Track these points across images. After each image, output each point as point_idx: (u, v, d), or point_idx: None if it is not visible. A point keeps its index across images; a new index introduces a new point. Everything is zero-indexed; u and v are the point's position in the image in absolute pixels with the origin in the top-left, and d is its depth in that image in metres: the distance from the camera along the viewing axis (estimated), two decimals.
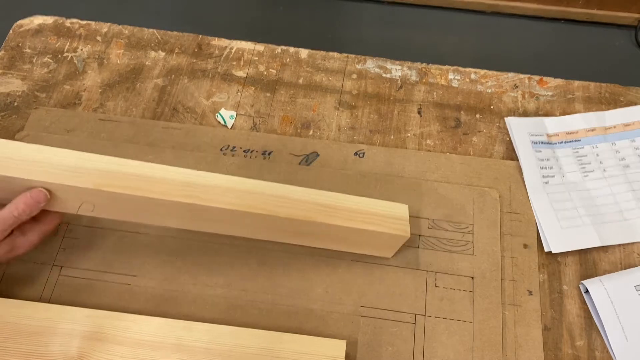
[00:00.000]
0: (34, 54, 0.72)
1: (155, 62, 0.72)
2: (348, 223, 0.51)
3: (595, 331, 0.55)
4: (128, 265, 0.57)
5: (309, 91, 0.70)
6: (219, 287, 0.56)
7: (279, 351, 0.49)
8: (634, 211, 0.61)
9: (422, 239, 0.59)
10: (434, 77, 0.71)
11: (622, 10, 1.47)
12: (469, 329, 0.55)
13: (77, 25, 0.75)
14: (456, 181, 0.63)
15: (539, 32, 1.51)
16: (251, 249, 0.58)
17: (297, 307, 0.56)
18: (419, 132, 0.67)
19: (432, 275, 0.57)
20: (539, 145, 0.65)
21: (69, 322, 0.50)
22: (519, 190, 0.63)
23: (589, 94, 0.70)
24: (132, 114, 0.68)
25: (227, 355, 0.49)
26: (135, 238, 0.59)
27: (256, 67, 0.72)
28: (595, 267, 0.59)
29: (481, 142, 0.67)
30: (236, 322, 0.54)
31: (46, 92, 0.69)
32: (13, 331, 0.50)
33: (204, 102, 0.69)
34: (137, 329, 0.50)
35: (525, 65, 0.94)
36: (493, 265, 0.58)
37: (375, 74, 0.72)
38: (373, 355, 0.53)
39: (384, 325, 0.55)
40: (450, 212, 0.61)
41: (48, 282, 0.56)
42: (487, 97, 0.70)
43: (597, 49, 1.48)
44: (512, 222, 0.61)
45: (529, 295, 0.56)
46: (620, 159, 0.65)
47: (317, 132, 0.67)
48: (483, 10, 1.53)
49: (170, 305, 0.55)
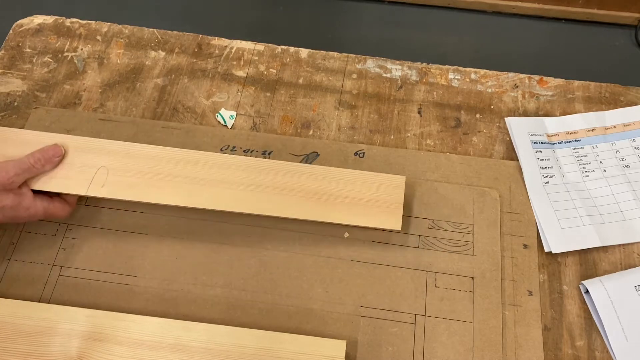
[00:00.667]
0: (34, 53, 0.72)
1: (155, 61, 0.72)
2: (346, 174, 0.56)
3: (595, 331, 0.55)
4: (128, 265, 0.57)
5: (309, 91, 0.70)
6: (219, 287, 0.56)
7: (278, 351, 0.49)
8: (634, 211, 0.61)
9: (422, 239, 0.59)
10: (434, 77, 0.71)
11: (622, 10, 1.47)
12: (469, 329, 0.55)
13: (77, 25, 0.75)
14: (456, 181, 0.63)
15: (539, 32, 1.51)
16: (251, 249, 0.58)
17: (297, 307, 0.56)
18: (419, 132, 0.67)
19: (432, 275, 0.57)
20: (539, 145, 0.65)
21: (69, 322, 0.50)
22: (519, 190, 0.63)
23: (589, 94, 0.70)
24: (132, 113, 0.68)
25: (226, 355, 0.49)
26: (135, 238, 0.59)
27: (256, 67, 0.72)
28: (595, 267, 0.59)
29: (481, 142, 0.67)
30: (236, 322, 0.54)
31: (46, 92, 0.69)
32: (13, 331, 0.50)
33: (204, 102, 0.69)
34: (136, 329, 0.50)
35: (525, 65, 0.94)
36: (493, 265, 0.58)
37: (375, 74, 0.72)
38: (373, 355, 0.53)
39: (384, 325, 0.55)
40: (450, 212, 0.61)
41: (48, 282, 0.56)
42: (487, 97, 0.70)
43: (597, 49, 1.48)
44: (512, 222, 0.61)
45: (529, 296, 0.56)
46: (620, 159, 0.65)
47: (317, 132, 0.67)
48: (483, 10, 1.53)
49: (170, 305, 0.55)
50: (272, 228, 0.59)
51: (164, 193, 0.55)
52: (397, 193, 0.56)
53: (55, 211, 0.54)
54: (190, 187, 0.56)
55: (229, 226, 0.59)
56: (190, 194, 0.55)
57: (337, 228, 0.59)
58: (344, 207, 0.56)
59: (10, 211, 0.51)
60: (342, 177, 0.57)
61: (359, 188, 0.56)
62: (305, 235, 0.59)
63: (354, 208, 0.56)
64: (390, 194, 0.56)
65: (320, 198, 0.56)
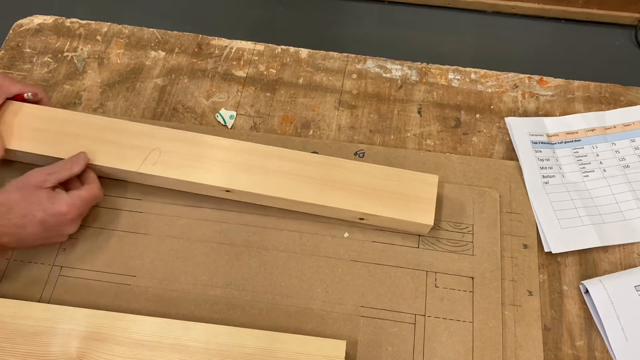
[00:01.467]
0: (34, 53, 0.72)
1: (155, 61, 0.72)
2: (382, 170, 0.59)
3: (595, 331, 0.55)
4: (128, 265, 0.57)
5: (309, 91, 0.70)
6: (218, 287, 0.56)
7: (278, 351, 0.49)
8: (634, 211, 0.61)
9: (422, 239, 0.59)
10: (434, 77, 0.71)
11: (622, 10, 1.47)
12: (469, 329, 0.55)
13: (77, 25, 0.75)
14: (456, 181, 0.63)
15: (539, 32, 1.51)
16: (251, 249, 0.58)
17: (297, 307, 0.56)
18: (419, 132, 0.67)
19: (432, 275, 0.57)
20: (539, 145, 0.65)
21: (69, 322, 0.50)
22: (519, 190, 0.63)
23: (589, 93, 0.70)
24: (132, 114, 0.68)
25: (226, 355, 0.49)
26: (135, 238, 0.59)
27: (256, 67, 0.72)
28: (595, 267, 0.59)
29: (481, 142, 0.67)
30: (236, 322, 0.54)
31: (46, 92, 0.69)
32: (12, 331, 0.50)
33: (204, 102, 0.69)
34: (136, 329, 0.50)
35: (525, 65, 0.94)
36: (493, 265, 0.58)
37: (375, 74, 0.72)
38: (373, 355, 0.53)
39: (384, 325, 0.55)
40: (450, 212, 0.61)
41: (48, 282, 0.56)
42: (487, 97, 0.70)
43: (597, 49, 1.48)
44: (512, 222, 0.61)
45: (529, 295, 0.56)
46: (620, 159, 0.65)
47: (317, 132, 0.67)
48: (483, 10, 1.53)
49: (170, 305, 0.55)
50: (272, 228, 0.59)
51: (207, 175, 0.58)
52: (430, 190, 0.58)
53: (87, 194, 0.55)
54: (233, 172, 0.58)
55: (229, 226, 0.59)
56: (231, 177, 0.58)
57: (337, 228, 0.59)
58: (379, 200, 0.57)
59: (49, 205, 0.52)
60: (377, 173, 0.59)
61: (395, 184, 0.58)
62: (305, 235, 0.59)
63: (389, 202, 0.57)
64: (423, 190, 0.58)
65: (364, 192, 0.57)
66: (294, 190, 0.57)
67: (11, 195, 0.52)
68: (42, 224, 0.52)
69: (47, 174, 0.54)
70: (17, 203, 0.51)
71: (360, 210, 0.57)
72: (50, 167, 0.55)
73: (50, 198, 0.52)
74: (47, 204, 0.52)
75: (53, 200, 0.52)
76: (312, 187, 0.57)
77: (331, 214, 0.59)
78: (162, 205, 0.60)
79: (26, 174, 0.54)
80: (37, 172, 0.54)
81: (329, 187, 0.57)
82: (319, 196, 0.57)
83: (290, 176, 0.58)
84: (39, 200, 0.52)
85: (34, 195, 0.52)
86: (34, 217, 0.51)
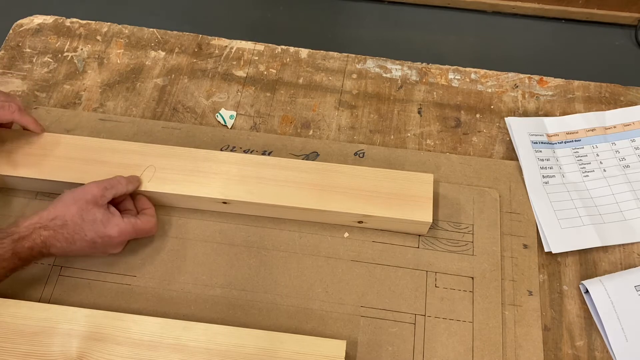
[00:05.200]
0: (34, 53, 0.72)
1: (155, 61, 0.72)
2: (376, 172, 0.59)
3: (595, 331, 0.55)
4: (128, 265, 0.57)
5: (309, 91, 0.70)
6: (218, 287, 0.56)
7: (278, 351, 0.49)
8: (634, 211, 0.61)
9: (422, 239, 0.59)
10: (434, 77, 0.71)
11: (622, 10, 1.47)
12: (469, 329, 0.55)
13: (77, 25, 0.75)
14: (456, 181, 0.63)
15: (539, 32, 1.51)
16: (251, 249, 0.58)
17: (297, 307, 0.56)
18: (419, 132, 0.67)
19: (432, 275, 0.57)
20: (539, 145, 0.65)
21: (69, 322, 0.50)
22: (519, 190, 0.63)
23: (589, 93, 0.70)
24: (132, 113, 0.68)
25: (226, 355, 0.49)
26: (135, 238, 0.59)
27: (256, 66, 0.72)
28: (595, 267, 0.59)
29: (481, 142, 0.67)
30: (236, 322, 0.54)
31: (46, 92, 0.69)
32: (13, 331, 0.50)
33: (204, 102, 0.69)
34: (136, 329, 0.50)
35: (525, 65, 0.94)
36: (493, 265, 0.58)
37: (375, 74, 0.72)
38: (373, 355, 0.53)
39: (384, 325, 0.55)
40: (450, 212, 0.61)
41: (48, 282, 0.56)
42: (487, 97, 0.70)
43: (597, 48, 1.48)
44: (512, 222, 0.61)
45: (529, 296, 0.56)
46: (620, 159, 0.65)
47: (317, 132, 0.67)
48: (483, 10, 1.53)
49: (170, 305, 0.55)
50: (272, 228, 0.59)
51: (203, 188, 0.58)
52: (427, 189, 0.58)
53: (143, 225, 0.55)
54: (227, 184, 0.58)
55: (229, 226, 0.59)
56: (227, 189, 0.58)
57: (337, 228, 0.59)
58: (378, 202, 0.57)
59: (102, 227, 0.52)
60: (373, 175, 0.59)
61: (391, 185, 0.58)
62: (305, 235, 0.59)
63: (387, 203, 0.57)
64: (419, 190, 0.58)
65: (361, 194, 0.58)
66: (291, 197, 0.57)
67: (68, 209, 0.51)
68: (91, 243, 0.52)
69: (104, 189, 0.53)
70: (72, 219, 0.51)
71: (359, 212, 0.57)
72: (107, 181, 0.55)
73: (104, 220, 0.52)
74: (100, 225, 0.52)
75: (106, 223, 0.52)
76: (309, 193, 0.57)
77: (330, 219, 0.59)
78: (162, 205, 0.60)
79: (83, 187, 0.53)
80: (93, 186, 0.53)
81: (326, 191, 0.58)
82: (317, 201, 0.57)
83: (286, 183, 0.58)
84: (93, 219, 0.52)
85: (89, 213, 0.52)
86: (85, 236, 0.51)
